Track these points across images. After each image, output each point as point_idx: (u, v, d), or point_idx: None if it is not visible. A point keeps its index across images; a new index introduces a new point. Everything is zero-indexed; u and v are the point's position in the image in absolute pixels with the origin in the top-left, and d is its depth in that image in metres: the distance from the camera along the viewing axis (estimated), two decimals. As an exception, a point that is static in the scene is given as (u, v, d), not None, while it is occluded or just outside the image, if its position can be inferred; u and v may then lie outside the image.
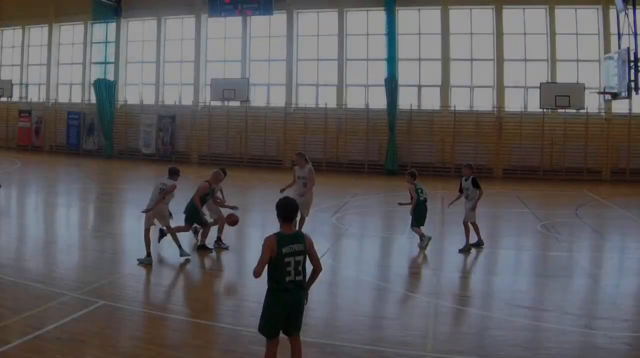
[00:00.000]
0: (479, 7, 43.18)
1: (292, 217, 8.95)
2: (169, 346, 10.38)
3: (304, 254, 8.64)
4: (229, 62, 47.84)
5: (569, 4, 41.71)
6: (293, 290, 8.55)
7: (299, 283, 8.62)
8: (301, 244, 8.64)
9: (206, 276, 15.78)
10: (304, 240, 8.71)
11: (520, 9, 42.66)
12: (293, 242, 8.59)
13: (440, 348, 10.72)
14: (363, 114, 43.88)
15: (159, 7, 48.40)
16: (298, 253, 8.57)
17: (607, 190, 35.57)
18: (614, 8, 34.67)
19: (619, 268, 17.46)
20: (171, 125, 47.73)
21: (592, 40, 41.63)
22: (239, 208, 18.21)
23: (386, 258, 18.71)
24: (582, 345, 10.96)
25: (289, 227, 8.76)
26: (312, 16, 46.36)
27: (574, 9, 41.88)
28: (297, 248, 8.58)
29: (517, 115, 41.69)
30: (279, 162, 45.16)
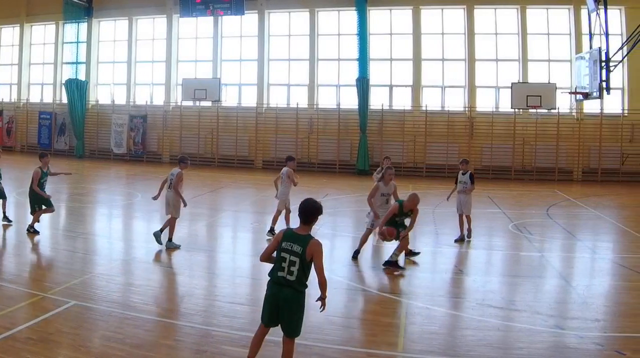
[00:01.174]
0: (450, 7, 41.87)
1: (302, 217, 8.70)
2: (140, 346, 9.96)
3: (299, 257, 8.39)
4: (200, 62, 46.17)
5: (540, 4, 40.48)
6: (281, 286, 8.43)
7: (290, 283, 8.40)
8: (300, 247, 8.43)
9: (177, 276, 15.10)
10: (305, 245, 8.44)
11: (491, 9, 41.30)
12: (294, 241, 8.48)
13: (411, 348, 10.39)
14: (334, 114, 42.60)
15: (130, 7, 46.65)
16: (293, 254, 8.41)
17: (578, 189, 34.83)
18: (586, 8, 33.68)
19: (590, 268, 16.91)
20: (142, 125, 46.05)
21: (563, 40, 40.42)
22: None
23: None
24: (553, 345, 10.59)
25: (302, 228, 8.64)
26: (284, 16, 44.78)
27: (545, 9, 40.65)
28: (295, 249, 8.42)
29: (489, 115, 40.37)
30: (251, 162, 44.07)
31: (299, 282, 8.47)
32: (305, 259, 8.41)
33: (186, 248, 17.21)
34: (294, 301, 8.49)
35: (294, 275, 8.41)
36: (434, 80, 42.12)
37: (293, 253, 8.42)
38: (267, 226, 19.56)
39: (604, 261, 17.51)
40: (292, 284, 8.43)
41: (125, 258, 16.04)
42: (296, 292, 8.46)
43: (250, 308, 12.08)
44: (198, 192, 28.63)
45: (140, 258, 16.21)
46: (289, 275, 8.41)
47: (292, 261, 8.41)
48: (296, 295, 8.48)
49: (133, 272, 15.05)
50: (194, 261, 16.32)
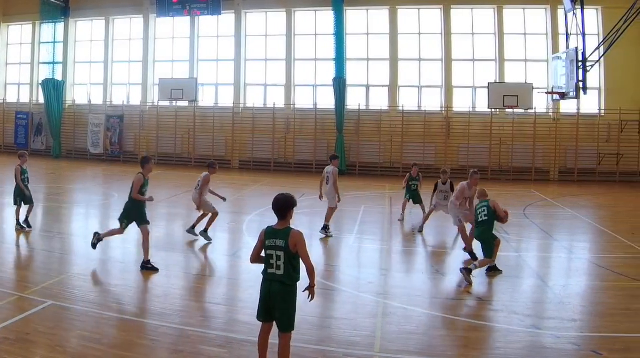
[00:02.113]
0: (427, 7, 40.69)
1: (278, 213, 8.64)
2: (117, 346, 9.79)
3: (284, 250, 8.38)
4: (177, 62, 44.53)
5: (517, 4, 39.46)
6: (272, 282, 8.42)
7: (279, 278, 8.41)
8: (282, 241, 8.41)
9: (154, 276, 14.29)
10: (286, 237, 8.42)
11: (468, 9, 40.06)
12: (276, 237, 8.47)
13: (388, 348, 10.19)
14: (311, 114, 41.32)
15: (107, 7, 44.96)
16: (278, 249, 8.42)
17: (555, 190, 33.87)
18: (563, 8, 33.15)
19: (567, 268, 16.58)
20: (119, 125, 44.43)
21: (540, 40, 39.35)
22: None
23: (334, 259, 17.61)
24: (530, 344, 10.43)
25: (280, 223, 8.60)
26: (261, 16, 43.29)
27: (522, 9, 39.58)
28: (278, 244, 8.43)
29: (465, 115, 39.25)
30: (227, 162, 42.41)
31: (288, 276, 8.41)
32: (290, 251, 8.37)
33: (163, 248, 16.92)
34: (283, 295, 8.40)
35: (282, 269, 8.38)
36: (410, 80, 40.85)
37: (277, 248, 8.40)
38: (244, 225, 19.38)
39: (580, 261, 17.15)
40: (280, 278, 8.39)
41: (102, 258, 15.61)
42: (284, 285, 8.40)
43: (226, 308, 12.09)
44: (175, 192, 28.37)
45: (117, 259, 15.88)
46: (277, 270, 8.40)
47: (278, 256, 8.39)
48: (285, 289, 8.41)
49: (110, 272, 14.75)
50: (170, 261, 15.90)
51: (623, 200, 31.00)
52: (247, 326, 10.54)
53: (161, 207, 24.17)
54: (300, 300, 8.61)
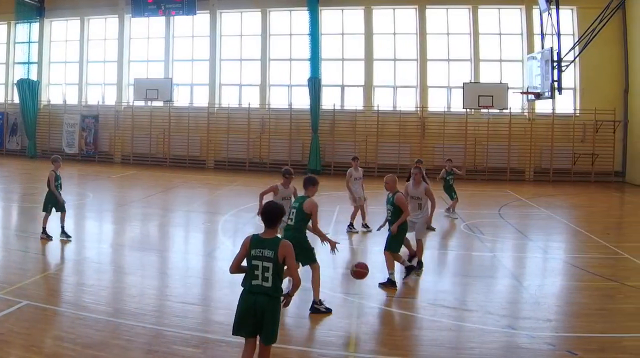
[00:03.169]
0: (402, 7, 39.16)
1: (267, 222, 7.86)
2: (92, 346, 9.42)
3: (272, 262, 7.62)
4: (152, 62, 42.52)
5: (492, 4, 38.08)
6: (258, 294, 7.62)
7: (266, 290, 7.63)
8: (271, 251, 7.65)
9: (129, 276, 14.01)
10: (276, 248, 7.67)
11: (443, 9, 38.61)
12: (263, 247, 7.70)
13: (364, 348, 9.93)
14: (286, 114, 39.66)
15: (82, 7, 42.92)
16: (266, 260, 7.64)
17: (530, 190, 32.70)
18: (537, 8, 32.12)
19: (542, 268, 16.05)
20: (94, 125, 42.55)
21: (515, 41, 37.98)
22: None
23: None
24: (505, 345, 10.16)
25: (268, 232, 7.84)
26: (235, 16, 41.52)
27: (497, 9, 38.17)
28: (266, 254, 7.65)
29: (440, 115, 37.76)
30: (202, 162, 40.99)
31: (275, 288, 7.72)
32: (278, 262, 7.68)
33: (137, 248, 16.65)
34: (271, 308, 7.70)
35: (269, 281, 7.68)
36: (385, 80, 39.31)
37: (265, 259, 7.68)
38: (219, 225, 19.06)
39: (555, 261, 16.72)
40: (267, 291, 7.68)
41: (77, 259, 15.29)
42: (272, 298, 7.71)
43: (201, 308, 11.71)
44: (149, 192, 27.93)
45: (92, 259, 15.32)
46: (264, 281, 7.68)
47: (265, 267, 7.68)
48: (272, 302, 7.71)
49: (84, 272, 14.23)
50: (145, 261, 15.53)
51: (598, 200, 30.19)
52: (222, 326, 10.24)
53: (136, 207, 23.81)
54: None
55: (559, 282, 14.50)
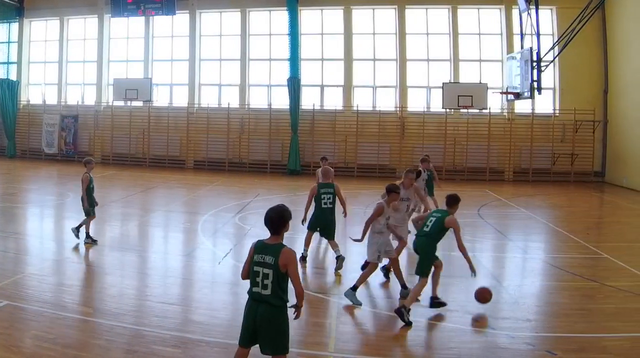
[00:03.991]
0: (381, 7, 37.73)
1: (271, 228, 7.29)
2: (72, 346, 9.08)
3: (273, 269, 7.11)
4: (131, 62, 40.93)
5: (472, 4, 36.71)
6: (258, 302, 7.17)
7: (266, 299, 7.12)
8: (272, 258, 7.14)
9: (109, 276, 13.58)
10: (277, 255, 7.13)
11: (422, 9, 37.30)
12: (265, 253, 7.20)
13: (343, 348, 9.54)
14: (266, 114, 38.18)
15: (61, 7, 41.28)
16: (267, 266, 7.15)
17: (509, 190, 32.10)
18: (517, 8, 31.18)
19: (522, 268, 15.71)
20: (74, 125, 40.95)
21: (494, 41, 36.72)
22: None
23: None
24: (485, 344, 9.89)
25: (272, 238, 7.30)
26: (215, 16, 39.99)
27: (476, 9, 36.86)
28: (267, 261, 7.16)
29: (420, 115, 36.43)
30: (182, 162, 39.47)
31: (275, 296, 7.17)
32: (279, 270, 7.12)
33: (117, 248, 16.20)
34: (270, 318, 7.18)
35: (269, 289, 7.16)
36: (365, 80, 37.93)
37: (266, 266, 7.17)
38: (198, 225, 18.55)
39: (535, 261, 16.32)
40: (267, 299, 7.17)
41: (56, 259, 14.78)
42: (272, 307, 7.17)
43: (181, 308, 11.36)
44: (129, 192, 27.48)
45: (72, 259, 14.98)
46: (263, 289, 7.18)
47: (265, 274, 7.18)
48: (272, 311, 7.18)
49: (65, 272, 13.78)
50: (125, 261, 15.08)
51: (577, 200, 29.54)
52: (201, 326, 10.15)
53: (115, 207, 23.17)
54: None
55: (538, 282, 14.13)
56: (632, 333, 10.30)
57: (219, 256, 15.26)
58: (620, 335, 10.22)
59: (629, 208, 26.25)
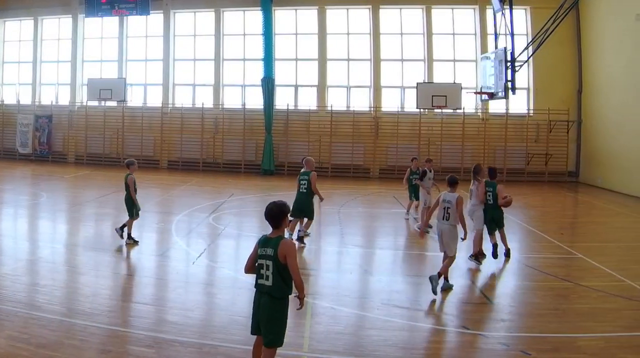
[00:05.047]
0: (355, 7, 36.13)
1: (270, 222, 7.27)
2: (46, 346, 8.67)
3: (272, 260, 7.09)
4: (105, 62, 39.09)
5: (446, 4, 35.24)
6: (262, 293, 7.18)
7: (268, 290, 7.11)
8: (272, 250, 7.11)
9: (83, 276, 12.94)
10: (276, 246, 7.09)
11: (396, 9, 35.67)
12: (267, 246, 7.17)
13: (317, 348, 9.14)
14: (240, 114, 36.37)
15: (35, 7, 39.26)
16: (268, 258, 7.13)
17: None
18: (491, 8, 29.78)
19: (496, 268, 14.62)
20: (48, 125, 38.92)
21: (469, 41, 35.23)
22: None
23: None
24: (459, 345, 9.49)
25: (273, 232, 7.26)
26: (189, 16, 38.13)
27: (450, 9, 35.36)
28: (268, 253, 7.15)
29: (394, 115, 34.86)
30: (156, 162, 37.56)
31: (276, 288, 7.06)
32: (279, 261, 7.03)
33: (91, 248, 15.50)
34: (269, 308, 7.10)
35: (270, 280, 7.08)
36: (339, 80, 36.27)
37: (267, 258, 7.10)
38: (172, 225, 18.07)
39: (509, 261, 15.18)
40: (269, 290, 7.08)
41: (30, 259, 14.15)
42: (272, 298, 7.08)
43: (155, 308, 10.90)
44: (103, 192, 26.26)
45: (46, 258, 14.27)
46: (266, 280, 7.10)
47: (267, 265, 7.09)
48: (272, 302, 7.09)
49: (38, 272, 13.17)
50: (99, 261, 14.36)
51: (551, 200, 28.75)
52: (176, 326, 9.73)
53: (90, 207, 22.45)
54: (226, 302, 9.10)
55: (512, 282, 13.59)
56: (606, 333, 9.82)
57: (192, 256, 14.66)
58: (594, 335, 9.78)
59: (603, 208, 25.38)
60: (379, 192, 28.18)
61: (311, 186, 15.73)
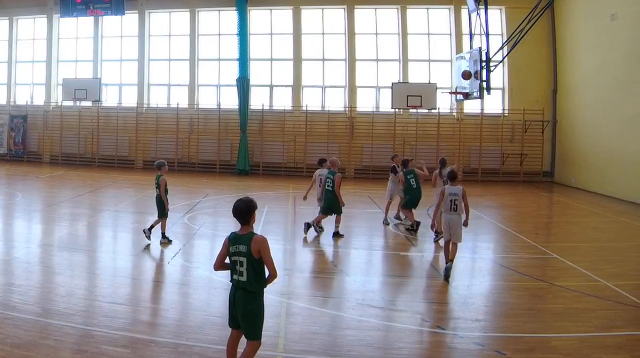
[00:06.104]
0: (330, 7, 34.48)
1: (238, 219, 7.09)
2: (20, 346, 8.31)
3: (246, 256, 6.92)
4: (80, 62, 37.19)
5: (421, 5, 33.76)
6: (237, 288, 7.03)
7: (243, 285, 6.97)
8: (244, 246, 6.92)
9: (58, 276, 12.18)
10: (249, 242, 6.91)
11: (371, 9, 34.06)
12: (239, 243, 6.98)
13: (292, 348, 8.75)
14: (215, 114, 34.64)
15: (10, 7, 37.30)
16: (241, 255, 6.96)
17: None
18: (466, 8, 28.42)
19: (471, 268, 14.35)
20: (23, 125, 37.03)
21: (444, 41, 33.65)
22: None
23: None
24: (434, 345, 9.16)
25: (242, 228, 7.07)
26: (164, 16, 36.27)
27: (425, 9, 33.83)
28: (240, 249, 6.97)
29: (369, 115, 33.28)
30: (131, 162, 35.74)
31: (250, 283, 6.92)
32: (252, 256, 6.86)
33: (66, 248, 14.88)
34: (245, 302, 6.96)
35: (244, 276, 6.93)
36: (314, 80, 34.64)
37: (240, 254, 6.92)
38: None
39: (484, 261, 15.12)
40: (243, 285, 6.95)
41: (5, 259, 13.45)
42: (247, 293, 6.95)
43: (130, 308, 10.26)
44: (78, 192, 25.45)
45: (21, 258, 13.61)
46: (240, 276, 6.96)
47: (241, 262, 6.93)
48: (247, 297, 6.96)
49: (13, 272, 12.52)
50: (74, 261, 13.81)
51: (526, 200, 27.58)
52: (151, 326, 9.36)
53: (64, 207, 21.66)
54: (200, 302, 8.90)
55: (487, 282, 13.16)
56: (580, 333, 9.50)
57: (168, 256, 14.10)
58: (569, 335, 9.46)
59: (578, 208, 24.46)
60: (354, 191, 26.85)
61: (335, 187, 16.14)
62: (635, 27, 24.73)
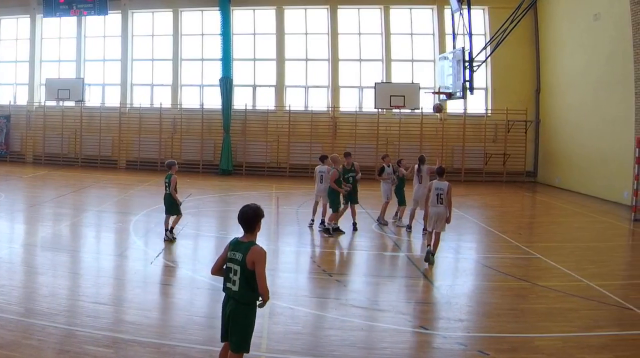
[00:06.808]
0: (314, 7, 33.52)
1: (242, 225, 6.56)
2: (3, 346, 8.09)
3: (240, 265, 6.36)
4: (64, 62, 35.99)
5: (404, 4, 32.78)
6: (229, 297, 6.53)
7: (233, 295, 6.44)
8: (241, 255, 6.36)
9: (41, 276, 11.78)
10: (245, 252, 6.36)
11: (355, 9, 33.13)
12: (237, 250, 6.45)
13: (274, 348, 8.53)
14: (198, 114, 33.54)
15: (-7, 7, 36.11)
16: (236, 263, 6.41)
17: None
18: (449, 8, 27.46)
19: (454, 269, 14.16)
20: (6, 125, 35.81)
21: (427, 41, 32.76)
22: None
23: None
24: (417, 345, 9.01)
25: (245, 236, 6.55)
26: (147, 16, 35.13)
27: (408, 9, 32.87)
28: (236, 257, 6.41)
29: (352, 115, 32.34)
30: (114, 162, 34.60)
31: (242, 294, 6.36)
32: (246, 267, 6.30)
33: (49, 248, 14.45)
34: (236, 314, 6.41)
35: (237, 285, 6.38)
36: (297, 80, 33.65)
37: (235, 262, 6.39)
38: (130, 225, 17.08)
39: (467, 261, 14.97)
40: (234, 295, 6.42)
41: None
42: (238, 304, 6.40)
43: (113, 308, 10.02)
44: (61, 192, 24.91)
45: (4, 258, 13.12)
46: (232, 285, 6.42)
47: (234, 270, 6.40)
48: (238, 308, 6.41)
49: None
50: (57, 261, 13.42)
51: (509, 200, 27.16)
52: (134, 326, 9.01)
53: (48, 207, 21.18)
54: (183, 302, 8.86)
55: (470, 282, 13.00)
56: (563, 333, 9.33)
57: (151, 256, 13.75)
58: (552, 335, 9.29)
59: (561, 208, 23.97)
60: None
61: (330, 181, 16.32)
62: (618, 27, 23.94)
